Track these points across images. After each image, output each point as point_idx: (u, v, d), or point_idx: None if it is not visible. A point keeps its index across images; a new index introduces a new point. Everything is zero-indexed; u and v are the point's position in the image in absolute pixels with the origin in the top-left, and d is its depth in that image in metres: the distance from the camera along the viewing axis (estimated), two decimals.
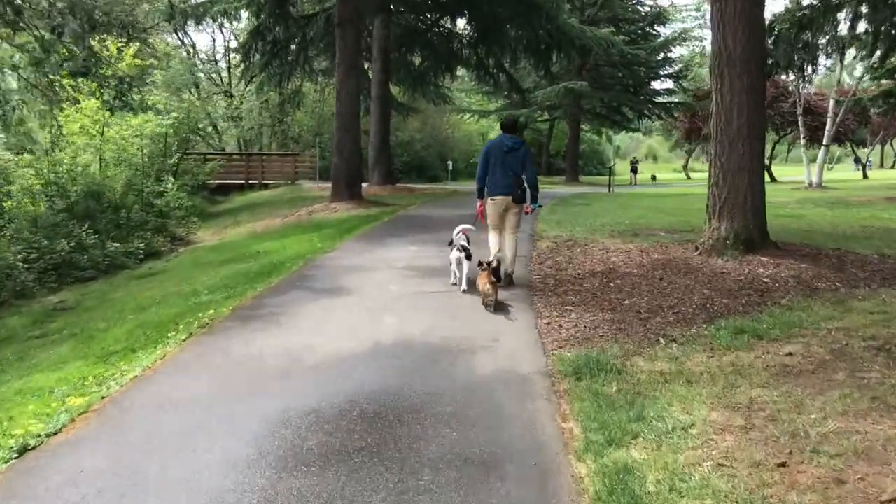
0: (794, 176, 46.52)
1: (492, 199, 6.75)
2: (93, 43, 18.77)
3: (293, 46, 21.93)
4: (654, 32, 33.97)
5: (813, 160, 24.04)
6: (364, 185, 22.53)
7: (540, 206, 7.24)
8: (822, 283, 6.31)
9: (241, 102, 33.07)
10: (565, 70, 33.02)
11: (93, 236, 12.75)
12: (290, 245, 10.81)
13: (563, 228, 10.70)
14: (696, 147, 53.66)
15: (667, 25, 33.54)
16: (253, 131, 36.92)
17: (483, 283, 5.99)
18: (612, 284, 6.64)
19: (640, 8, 34.05)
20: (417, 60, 25.06)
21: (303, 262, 8.59)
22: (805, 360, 4.29)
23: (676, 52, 34.39)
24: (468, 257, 6.51)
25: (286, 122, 36.19)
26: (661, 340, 4.85)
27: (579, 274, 7.19)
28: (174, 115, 18.27)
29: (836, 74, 21.92)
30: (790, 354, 4.38)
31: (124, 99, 17.37)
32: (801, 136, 23.45)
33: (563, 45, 19.63)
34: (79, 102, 16.54)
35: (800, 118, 23.39)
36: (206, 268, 10.29)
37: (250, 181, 26.13)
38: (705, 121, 39.30)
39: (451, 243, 6.83)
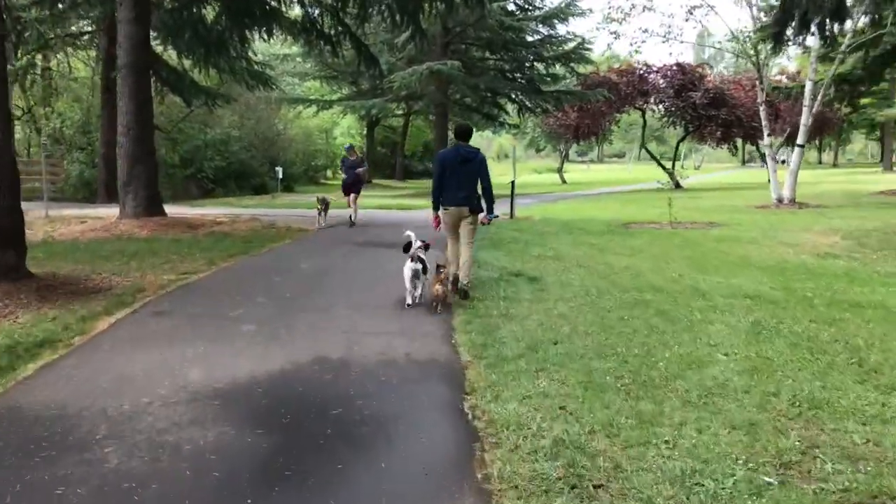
0: (694, 177, 39.74)
1: (445, 210, 6.49)
2: None
3: None
4: (537, 5, 27.21)
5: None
6: (113, 213, 13.44)
7: (497, 217, 7.12)
8: None
9: None
10: (426, 52, 25.29)
11: None
12: None
13: None
14: (571, 146, 48.46)
15: None
16: None
17: (435, 284, 5.79)
18: None
19: None
20: (210, 15, 16.10)
21: None
22: None
23: (564, 29, 27.74)
24: (424, 270, 5.99)
25: (46, 114, 25.47)
26: None
27: None
28: None
29: (815, 48, 15.85)
30: None
31: None
32: (765, 131, 17.25)
33: None
34: None
35: (761, 107, 17.20)
36: None
37: None
38: (594, 115, 33.42)
39: (406, 249, 6.11)
